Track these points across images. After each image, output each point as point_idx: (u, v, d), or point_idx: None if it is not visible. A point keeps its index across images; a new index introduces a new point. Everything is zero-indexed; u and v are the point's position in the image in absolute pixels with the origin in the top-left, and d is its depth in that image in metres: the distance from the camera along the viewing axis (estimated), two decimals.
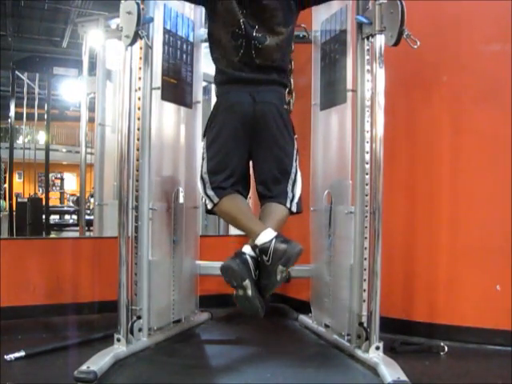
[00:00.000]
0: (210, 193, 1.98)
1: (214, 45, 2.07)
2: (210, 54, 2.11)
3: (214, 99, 2.18)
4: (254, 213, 2.06)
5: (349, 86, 2.11)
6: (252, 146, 2.01)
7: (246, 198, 2.05)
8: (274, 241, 1.75)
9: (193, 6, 2.38)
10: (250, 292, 1.74)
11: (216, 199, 1.97)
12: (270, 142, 2.00)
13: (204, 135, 2.08)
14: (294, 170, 2.05)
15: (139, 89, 2.05)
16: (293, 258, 1.75)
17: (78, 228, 5.78)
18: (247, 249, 1.82)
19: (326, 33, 2.33)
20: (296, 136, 2.09)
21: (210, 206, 2.01)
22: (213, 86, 3.84)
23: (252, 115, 1.97)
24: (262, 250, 1.76)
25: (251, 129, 1.98)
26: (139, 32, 1.85)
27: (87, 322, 2.48)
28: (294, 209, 2.02)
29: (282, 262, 1.73)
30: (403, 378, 1.66)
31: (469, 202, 2.26)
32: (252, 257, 1.79)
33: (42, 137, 9.41)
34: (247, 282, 1.73)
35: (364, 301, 1.98)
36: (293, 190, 2.03)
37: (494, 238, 2.22)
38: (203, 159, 2.04)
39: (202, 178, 2.03)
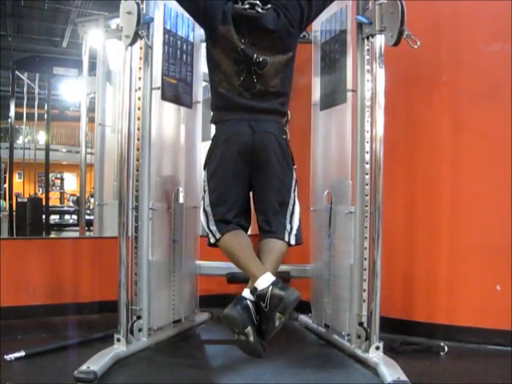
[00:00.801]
0: (213, 228, 1.98)
1: (215, 68, 2.04)
2: (209, 78, 2.07)
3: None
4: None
5: (349, 86, 2.11)
6: (252, 176, 2.01)
7: (247, 230, 2.04)
8: (271, 288, 1.74)
9: None
10: (251, 338, 1.74)
11: (218, 235, 1.97)
12: (269, 174, 1.99)
13: (205, 167, 2.07)
14: (291, 202, 2.04)
15: (139, 89, 2.05)
16: (289, 306, 1.73)
17: (78, 228, 5.77)
18: (247, 293, 1.81)
19: (325, 33, 2.33)
20: (295, 166, 2.07)
21: (212, 241, 2.00)
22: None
23: (251, 146, 1.96)
24: (259, 297, 1.76)
25: (250, 160, 1.97)
26: (139, 32, 1.85)
27: (87, 322, 2.48)
28: (292, 242, 2.01)
29: (278, 310, 1.72)
30: (403, 378, 1.66)
31: (469, 201, 2.26)
32: (252, 301, 1.78)
33: (42, 137, 9.41)
34: (249, 329, 1.73)
35: (364, 301, 1.98)
36: (291, 222, 2.02)
37: (494, 237, 2.22)
38: (205, 192, 2.04)
39: (204, 210, 2.03)
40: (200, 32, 2.43)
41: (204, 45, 2.45)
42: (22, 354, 1.89)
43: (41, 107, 7.22)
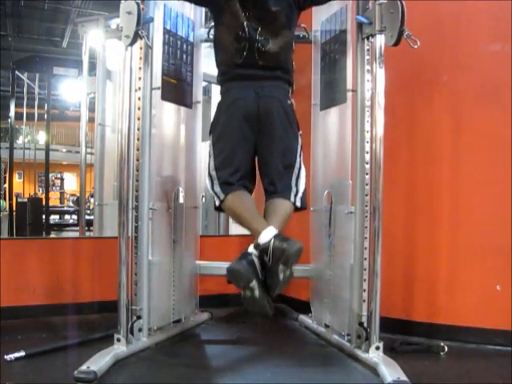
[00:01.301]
0: (217, 189, 2.00)
1: (218, 48, 2.09)
2: (214, 58, 2.12)
3: (214, 99, 2.18)
4: (258, 203, 2.06)
5: (349, 86, 2.11)
6: (257, 140, 2.03)
7: (251, 191, 2.06)
8: (272, 240, 1.75)
9: (193, 5, 2.38)
10: (257, 293, 1.73)
11: (222, 196, 1.99)
12: (275, 137, 2.01)
13: (210, 133, 2.10)
14: (297, 165, 2.06)
15: (139, 89, 2.05)
16: (292, 257, 1.74)
17: (77, 228, 5.78)
18: (252, 249, 1.82)
19: (326, 33, 2.33)
20: (301, 132, 2.10)
21: (217, 203, 2.02)
22: (213, 86, 3.87)
23: (256, 110, 1.98)
24: (262, 251, 1.77)
25: (255, 124, 1.99)
26: (139, 32, 1.85)
27: (87, 322, 2.48)
28: (298, 204, 2.02)
29: (281, 262, 1.73)
30: (403, 378, 1.66)
31: (469, 201, 2.26)
32: (257, 256, 1.79)
33: (42, 137, 9.42)
34: (254, 283, 1.73)
35: (364, 301, 1.97)
36: (297, 185, 2.04)
37: (494, 237, 2.22)
38: (210, 156, 2.06)
39: (209, 174, 2.05)
40: (200, 32, 2.44)
41: (204, 45, 2.48)
42: (22, 354, 1.89)
43: (41, 107, 7.23)
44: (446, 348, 2.07)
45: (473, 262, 2.24)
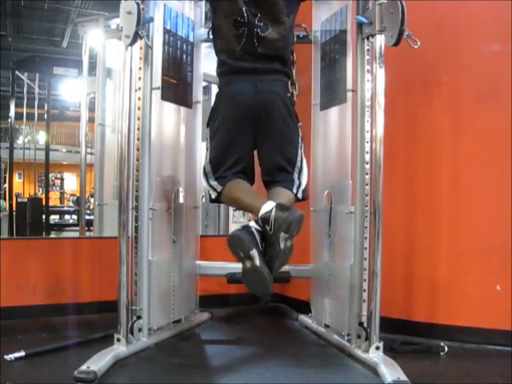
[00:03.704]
0: (213, 183, 2.00)
1: (216, 35, 2.08)
2: (213, 46, 2.11)
3: (213, 99, 2.18)
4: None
5: (349, 86, 2.10)
6: (256, 135, 2.02)
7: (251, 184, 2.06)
8: (274, 209, 1.76)
9: (192, 5, 2.39)
10: (257, 262, 1.72)
11: (220, 187, 1.99)
12: (274, 131, 2.00)
13: (207, 125, 2.09)
14: (299, 158, 2.06)
15: (139, 89, 2.05)
16: (294, 224, 1.74)
17: (78, 228, 5.78)
18: (253, 223, 1.82)
19: (325, 33, 2.33)
20: (300, 124, 2.10)
21: (213, 196, 2.02)
22: (213, 86, 3.87)
23: (255, 105, 1.97)
24: (263, 220, 1.76)
25: (254, 118, 1.98)
26: (139, 32, 1.85)
27: (87, 322, 2.48)
28: (300, 195, 2.03)
29: (283, 229, 1.72)
30: (403, 377, 1.66)
31: (469, 201, 2.26)
32: (258, 230, 1.79)
33: (42, 137, 9.42)
34: (254, 252, 1.72)
35: (364, 301, 1.97)
36: (299, 178, 2.04)
37: (494, 237, 2.22)
38: (207, 150, 2.06)
39: (204, 168, 2.05)
40: (200, 32, 2.44)
41: (204, 45, 2.48)
42: (22, 354, 1.89)
43: (41, 107, 7.23)
44: (446, 348, 2.07)
45: (473, 262, 2.24)
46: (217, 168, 2.00)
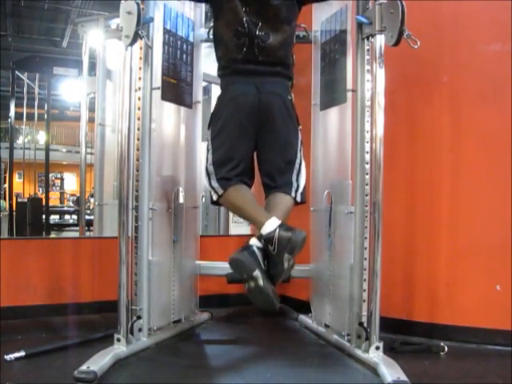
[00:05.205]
0: (215, 185, 2.00)
1: (218, 43, 2.09)
2: (215, 51, 2.12)
3: (214, 99, 2.18)
4: (258, 202, 2.06)
5: (349, 86, 2.11)
6: (257, 136, 2.03)
7: (250, 188, 2.06)
8: (277, 230, 1.76)
9: (193, 5, 2.38)
10: (261, 282, 1.74)
11: (221, 191, 1.99)
12: (275, 133, 2.01)
13: (209, 127, 2.09)
14: (298, 161, 2.07)
15: (139, 89, 2.05)
16: (298, 246, 1.76)
17: (78, 228, 5.78)
18: (254, 241, 1.83)
19: (325, 33, 2.33)
20: (300, 127, 2.11)
21: (215, 198, 2.03)
22: (213, 86, 3.87)
23: (257, 106, 1.98)
24: (267, 240, 1.77)
25: (256, 119, 1.99)
26: (139, 32, 1.85)
27: (87, 322, 2.48)
28: (298, 199, 2.04)
29: (287, 251, 1.74)
30: (403, 377, 1.66)
31: (469, 201, 2.26)
32: (259, 248, 1.80)
33: (42, 137, 9.42)
34: (257, 273, 1.73)
35: (364, 301, 1.97)
36: (297, 180, 2.05)
37: (494, 237, 2.22)
38: (208, 151, 2.06)
39: (207, 169, 2.05)
40: (200, 32, 2.44)
41: (204, 45, 2.48)
42: (22, 354, 1.89)
43: (41, 107, 7.23)
44: (446, 348, 2.07)
45: (473, 262, 2.24)
46: (220, 168, 2.00)
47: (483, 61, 2.27)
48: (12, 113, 6.44)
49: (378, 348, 1.87)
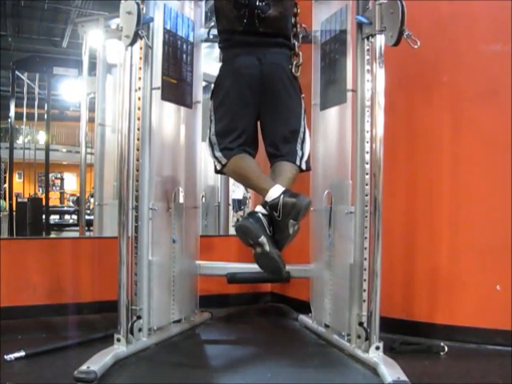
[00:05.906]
0: (218, 154, 2.02)
1: (218, 15, 2.10)
2: (216, 26, 2.14)
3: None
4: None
5: (349, 86, 2.11)
6: (260, 107, 2.04)
7: (253, 158, 2.08)
8: (282, 196, 1.79)
9: (193, 5, 2.39)
10: (267, 247, 1.78)
11: (224, 160, 2.01)
12: (278, 103, 2.03)
13: (211, 97, 2.11)
14: (302, 129, 2.09)
15: (139, 89, 2.05)
16: (302, 212, 1.79)
17: (78, 228, 5.78)
18: (259, 208, 1.86)
19: (325, 33, 2.33)
20: (303, 95, 2.13)
21: (218, 167, 2.05)
22: (213, 86, 3.87)
23: (259, 77, 2.00)
24: (271, 207, 1.80)
25: (259, 90, 2.01)
26: (139, 32, 1.85)
27: (87, 322, 2.48)
28: (303, 166, 2.07)
29: (292, 216, 1.77)
30: (403, 377, 1.66)
31: (469, 201, 2.26)
32: (264, 214, 1.83)
33: (42, 137, 9.42)
34: (263, 238, 1.77)
35: (364, 301, 1.97)
36: (302, 149, 2.08)
37: (494, 237, 2.22)
38: (211, 122, 2.08)
39: (209, 139, 2.07)
40: (200, 32, 2.44)
41: (204, 45, 2.48)
42: (22, 354, 1.89)
43: (41, 107, 7.23)
44: (446, 348, 2.07)
45: (473, 262, 2.24)
46: (222, 138, 2.02)
47: (483, 61, 2.27)
48: (12, 113, 6.43)
49: (378, 348, 1.87)
